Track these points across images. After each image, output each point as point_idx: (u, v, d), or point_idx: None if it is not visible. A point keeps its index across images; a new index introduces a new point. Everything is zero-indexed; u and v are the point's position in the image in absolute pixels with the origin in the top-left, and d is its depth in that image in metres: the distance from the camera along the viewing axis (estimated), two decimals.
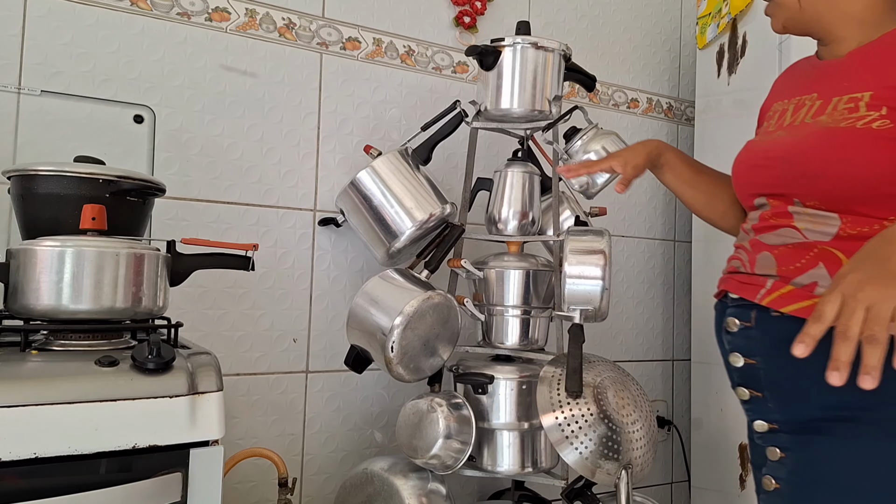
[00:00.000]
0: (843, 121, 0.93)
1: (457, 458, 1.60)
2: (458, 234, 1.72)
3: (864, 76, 0.96)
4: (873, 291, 0.71)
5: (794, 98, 1.07)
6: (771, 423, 0.98)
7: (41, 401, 0.95)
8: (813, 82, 1.06)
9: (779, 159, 1.00)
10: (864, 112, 0.91)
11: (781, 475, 0.96)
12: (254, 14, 1.84)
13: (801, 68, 1.14)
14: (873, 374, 0.69)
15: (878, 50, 0.97)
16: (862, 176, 0.90)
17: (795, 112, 1.04)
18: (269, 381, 1.84)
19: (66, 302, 1.12)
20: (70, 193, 1.22)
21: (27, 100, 1.58)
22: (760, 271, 0.99)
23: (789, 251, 0.97)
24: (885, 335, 0.69)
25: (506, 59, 1.74)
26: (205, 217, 1.76)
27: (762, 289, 0.98)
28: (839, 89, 0.98)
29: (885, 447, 0.88)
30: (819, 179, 0.94)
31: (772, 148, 1.04)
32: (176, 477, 1.02)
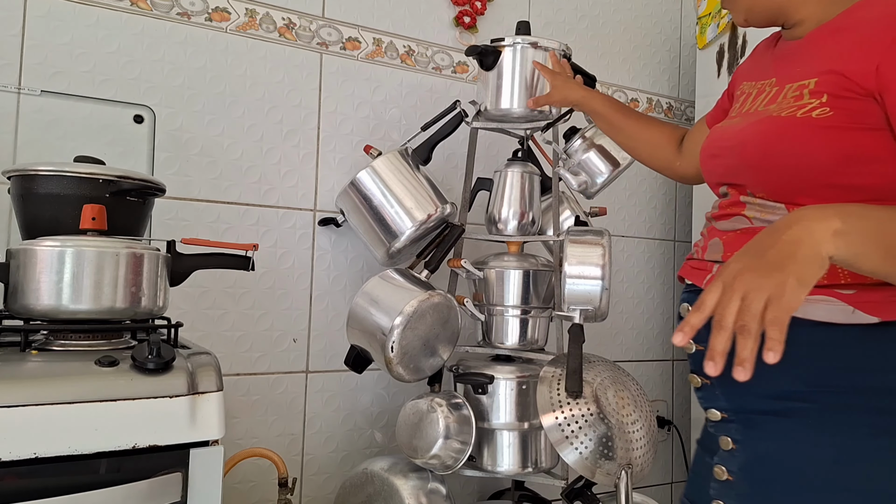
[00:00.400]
0: (787, 109, 0.91)
1: (457, 458, 1.60)
2: (458, 234, 1.72)
3: (814, 62, 0.92)
4: (749, 281, 0.70)
5: (759, 82, 1.05)
6: (722, 412, 0.98)
7: (41, 401, 0.95)
8: (773, 65, 1.04)
9: (728, 149, 0.99)
10: (807, 100, 0.88)
11: (734, 468, 0.95)
12: (254, 14, 1.84)
13: (768, 47, 1.12)
14: (745, 366, 0.68)
15: (829, 31, 0.94)
16: (800, 166, 0.88)
17: (756, 98, 1.02)
18: (269, 381, 1.84)
19: (66, 302, 1.12)
20: (70, 193, 1.22)
21: (27, 100, 1.58)
22: (709, 257, 1.00)
23: (736, 237, 0.96)
24: (755, 326, 0.69)
25: (506, 59, 1.74)
26: (205, 217, 1.76)
27: (708, 274, 0.98)
28: (792, 75, 0.95)
29: (826, 438, 0.87)
30: (760, 170, 0.93)
31: (725, 136, 1.03)
32: (176, 477, 1.02)
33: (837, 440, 0.86)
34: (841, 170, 0.86)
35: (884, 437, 0.85)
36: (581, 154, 1.73)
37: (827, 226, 0.72)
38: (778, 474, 0.90)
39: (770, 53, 1.08)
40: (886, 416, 0.85)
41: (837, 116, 0.85)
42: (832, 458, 0.86)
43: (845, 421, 0.86)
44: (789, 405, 0.90)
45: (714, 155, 1.05)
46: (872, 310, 0.86)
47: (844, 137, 0.85)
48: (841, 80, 0.86)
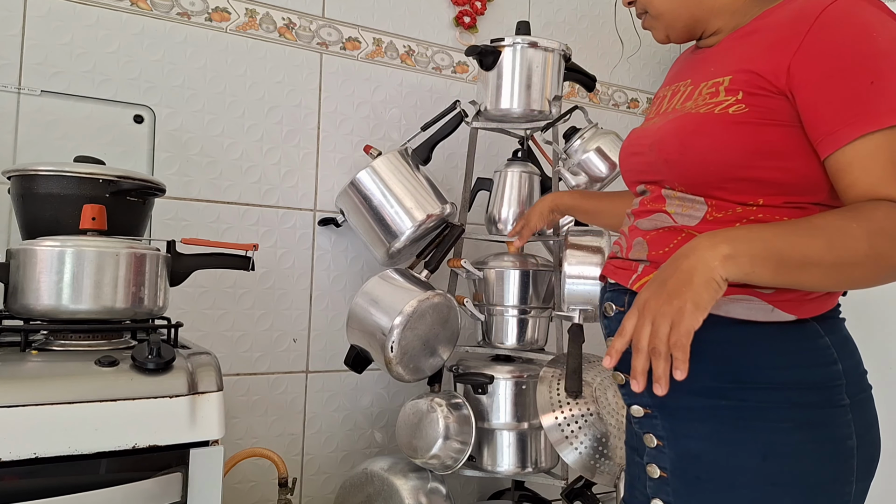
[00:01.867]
0: (703, 106, 0.94)
1: (456, 458, 1.60)
2: (458, 234, 1.72)
3: (727, 62, 0.96)
4: (654, 308, 0.80)
5: (673, 85, 1.08)
6: (645, 408, 0.99)
7: (41, 401, 0.95)
8: (689, 69, 1.07)
9: (647, 146, 1.01)
10: (723, 97, 0.92)
11: (665, 464, 0.97)
12: (254, 14, 1.84)
13: (686, 56, 1.15)
14: (660, 384, 0.79)
15: (742, 34, 0.98)
16: (714, 160, 0.92)
17: (671, 99, 1.05)
18: (269, 381, 1.84)
19: (66, 302, 1.12)
20: (70, 193, 1.22)
21: (27, 100, 1.58)
22: (634, 256, 1.01)
23: (659, 235, 0.98)
24: (664, 349, 0.78)
25: (506, 59, 1.74)
26: (205, 217, 1.76)
27: (634, 273, 0.99)
28: (706, 74, 0.98)
29: (751, 435, 0.89)
30: (677, 165, 0.96)
31: (644, 135, 1.05)
32: (176, 477, 1.02)
33: (762, 436, 0.89)
34: (752, 163, 0.90)
35: (805, 431, 0.88)
36: (581, 154, 1.73)
37: (717, 252, 0.79)
38: (709, 472, 0.92)
39: (686, 61, 1.12)
40: (806, 409, 0.89)
41: (752, 113, 0.89)
42: (760, 453, 0.89)
43: (768, 416, 0.89)
44: (713, 402, 0.92)
45: (634, 153, 1.07)
46: (790, 308, 0.90)
47: (757, 133, 0.89)
48: (754, 79, 0.90)
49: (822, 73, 0.85)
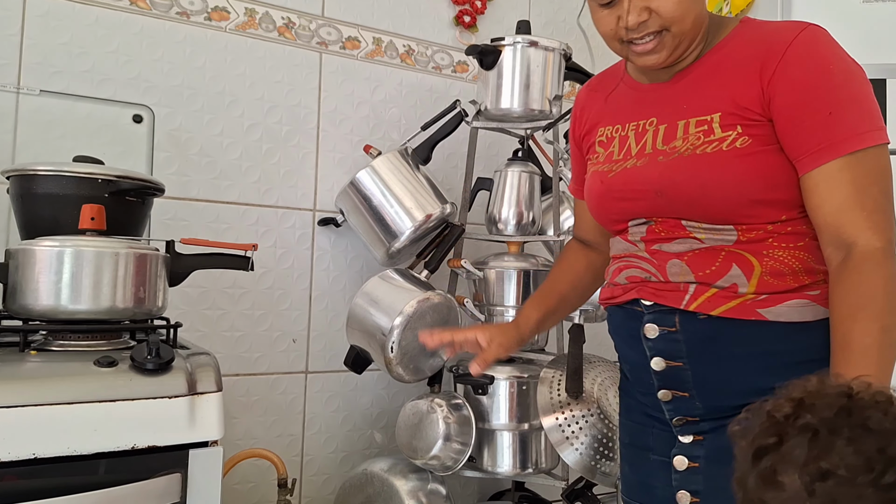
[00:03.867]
0: (705, 145, 0.97)
1: (457, 458, 1.59)
2: (458, 234, 1.72)
3: (704, 97, 0.99)
4: None
5: (630, 123, 1.08)
6: (691, 417, 1.02)
7: (40, 401, 0.95)
8: (645, 107, 1.07)
9: (652, 192, 1.02)
10: (722, 133, 0.96)
11: (699, 453, 1.00)
12: (253, 13, 1.83)
13: (620, 93, 1.14)
14: None
15: (706, 69, 1.01)
16: (736, 194, 0.95)
17: (639, 138, 1.06)
18: (268, 382, 1.84)
19: (65, 302, 1.11)
20: (69, 193, 1.22)
21: (26, 99, 1.57)
22: (676, 279, 1.01)
23: (698, 256, 0.99)
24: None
25: (506, 59, 1.74)
26: (204, 217, 1.76)
27: (685, 295, 1.00)
28: (681, 112, 1.01)
29: None
30: (698, 205, 0.98)
31: (635, 180, 1.05)
32: (175, 477, 1.02)
33: None
34: (771, 188, 0.95)
35: None
36: None
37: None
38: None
39: (628, 97, 1.11)
40: None
41: (756, 142, 0.95)
42: None
43: None
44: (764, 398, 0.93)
45: (627, 199, 1.07)
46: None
47: (767, 159, 0.95)
48: (744, 112, 0.95)
49: (791, 104, 0.93)
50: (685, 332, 1.00)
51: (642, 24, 0.96)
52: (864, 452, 0.53)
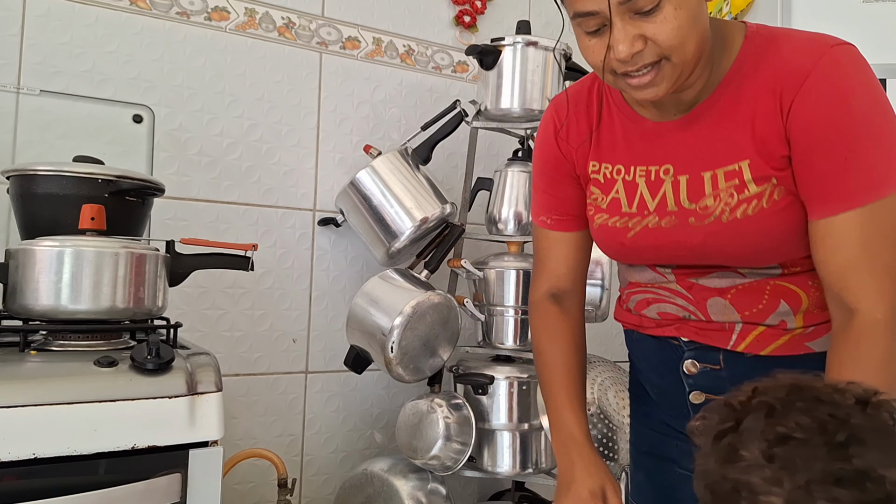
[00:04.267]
0: (744, 205, 0.88)
1: (457, 458, 1.59)
2: (458, 234, 1.72)
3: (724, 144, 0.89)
4: None
5: (636, 167, 0.97)
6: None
7: (40, 401, 0.95)
8: (654, 150, 0.95)
9: (687, 250, 0.95)
10: (757, 188, 0.87)
11: None
12: (253, 13, 1.83)
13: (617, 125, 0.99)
14: None
15: (723, 108, 0.90)
16: (788, 248, 0.90)
17: (654, 189, 0.95)
18: (268, 382, 1.84)
19: (65, 302, 1.11)
20: (69, 193, 1.22)
21: (26, 99, 1.57)
22: (719, 318, 0.96)
23: (742, 294, 0.94)
24: None
25: (506, 59, 1.74)
26: (204, 217, 1.76)
27: (731, 335, 0.95)
28: (703, 161, 0.91)
29: None
30: (743, 261, 0.93)
31: (665, 244, 0.96)
32: (175, 477, 1.02)
33: None
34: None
35: None
36: None
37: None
38: None
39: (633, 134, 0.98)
40: None
41: (789, 189, 0.88)
42: None
43: None
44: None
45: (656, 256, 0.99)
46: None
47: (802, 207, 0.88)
48: (770, 157, 0.87)
49: (806, 146, 0.84)
50: (730, 370, 0.96)
51: (637, 54, 0.83)
52: (817, 418, 0.56)
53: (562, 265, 1.10)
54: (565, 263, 1.10)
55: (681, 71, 0.84)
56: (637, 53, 0.82)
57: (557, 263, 1.11)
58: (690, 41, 0.83)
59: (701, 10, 0.84)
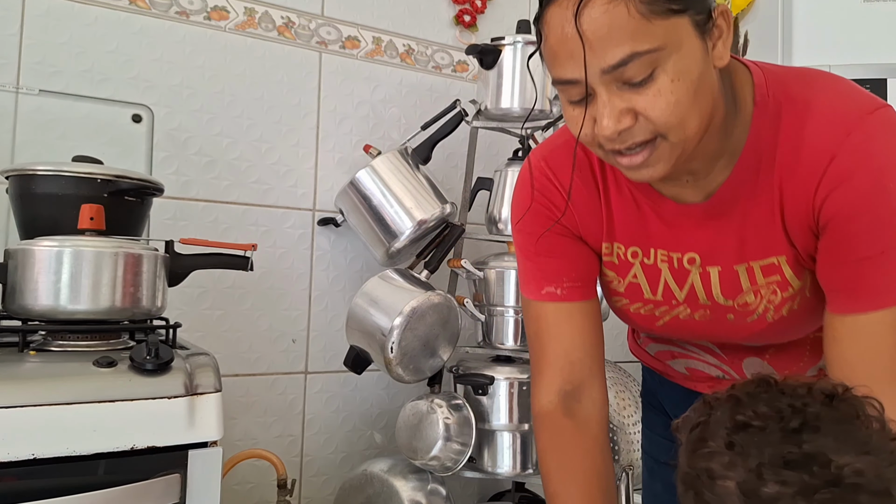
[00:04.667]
0: (789, 302, 0.81)
1: (457, 459, 1.59)
2: (458, 234, 1.72)
3: (756, 237, 0.79)
4: None
5: (657, 250, 0.86)
6: None
7: (39, 401, 0.94)
8: (677, 235, 0.84)
9: (726, 338, 0.90)
10: (799, 282, 0.79)
11: None
12: (253, 13, 1.83)
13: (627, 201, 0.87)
14: None
15: (745, 194, 0.79)
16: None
17: (680, 278, 0.85)
18: (268, 382, 1.83)
19: (64, 302, 1.11)
20: (68, 193, 1.21)
21: (25, 99, 1.57)
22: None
23: (782, 352, 0.90)
24: None
25: (506, 58, 1.74)
26: (203, 217, 1.75)
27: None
28: (735, 253, 0.81)
29: None
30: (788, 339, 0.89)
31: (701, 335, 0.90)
32: (174, 478, 1.02)
33: None
34: None
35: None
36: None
37: None
38: None
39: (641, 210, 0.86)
40: None
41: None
42: None
43: None
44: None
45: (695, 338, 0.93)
46: None
47: None
48: (808, 250, 0.78)
49: (840, 236, 0.74)
50: None
51: (625, 131, 0.70)
52: (776, 406, 0.57)
53: (577, 348, 0.91)
54: (581, 345, 0.92)
55: (682, 150, 0.72)
56: (625, 130, 0.70)
57: (572, 346, 0.92)
58: (691, 118, 0.70)
59: (706, 76, 0.71)
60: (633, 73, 0.67)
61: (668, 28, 0.66)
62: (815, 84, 0.76)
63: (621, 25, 0.65)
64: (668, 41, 0.67)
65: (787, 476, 0.53)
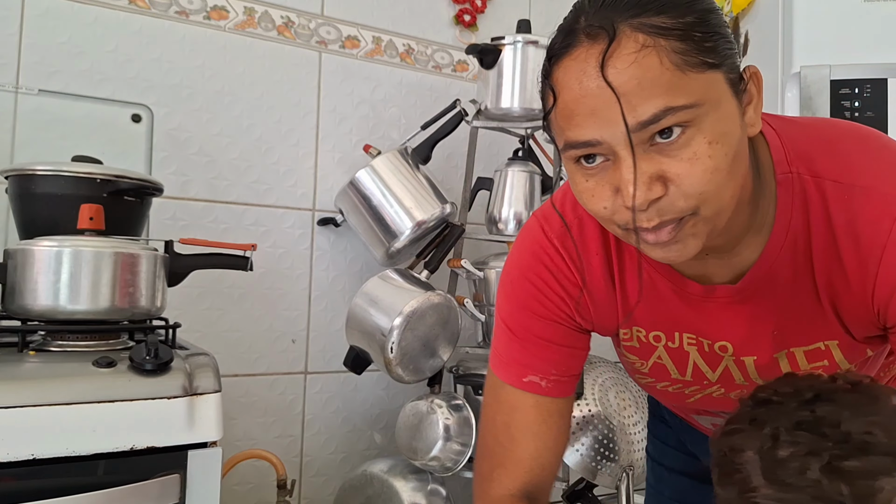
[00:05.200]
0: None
1: (457, 459, 1.59)
2: (458, 234, 1.72)
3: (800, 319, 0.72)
4: None
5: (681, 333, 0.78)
6: None
7: (39, 402, 0.94)
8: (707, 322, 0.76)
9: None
10: (850, 364, 0.74)
11: None
12: (252, 12, 1.83)
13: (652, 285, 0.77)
14: None
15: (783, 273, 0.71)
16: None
17: (711, 361, 0.79)
18: (267, 382, 1.83)
19: (64, 302, 1.11)
20: (67, 193, 1.21)
21: (25, 99, 1.57)
22: None
23: None
24: None
25: (506, 58, 1.73)
26: (203, 217, 1.75)
27: None
28: (776, 342, 0.74)
29: None
30: None
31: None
32: (174, 478, 1.01)
33: None
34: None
35: None
36: None
37: None
38: None
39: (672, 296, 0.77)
40: None
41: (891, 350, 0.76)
42: None
43: None
44: None
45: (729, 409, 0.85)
46: None
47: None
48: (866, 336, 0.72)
49: None
50: None
51: (654, 203, 0.60)
52: (796, 385, 0.62)
53: (550, 451, 0.83)
54: (553, 448, 0.83)
55: (713, 226, 0.63)
56: (654, 201, 0.60)
57: (545, 449, 0.83)
58: (727, 189, 0.61)
59: (743, 142, 0.63)
60: (666, 132, 0.58)
61: (705, 84, 0.59)
62: (837, 152, 0.68)
63: (654, 77, 0.57)
64: (705, 98, 0.59)
65: (799, 437, 0.56)
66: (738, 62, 0.63)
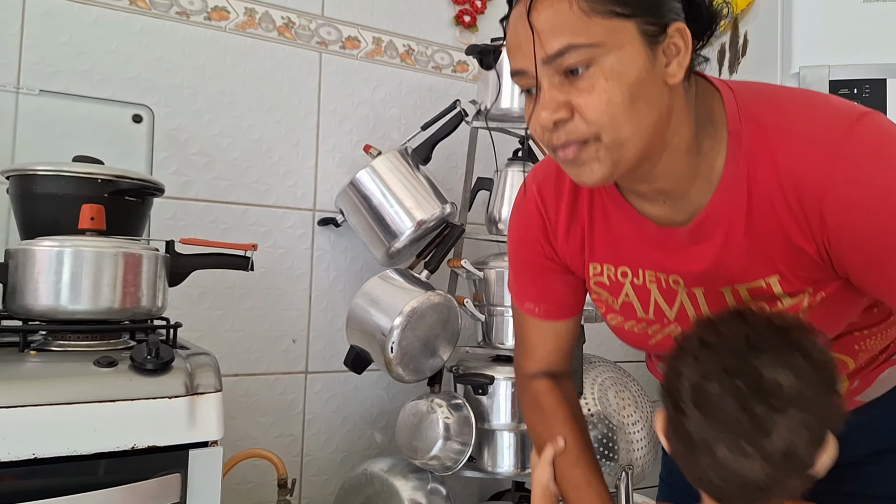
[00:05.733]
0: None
1: (457, 459, 1.59)
2: (458, 234, 1.72)
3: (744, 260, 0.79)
4: None
5: (644, 270, 0.87)
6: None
7: (40, 401, 0.94)
8: (662, 257, 0.85)
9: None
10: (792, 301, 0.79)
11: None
12: (253, 13, 1.83)
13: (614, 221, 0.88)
14: None
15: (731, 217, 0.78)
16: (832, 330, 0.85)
17: (668, 298, 0.87)
18: (268, 382, 1.83)
19: (65, 302, 1.11)
20: (68, 193, 1.21)
21: (26, 99, 1.57)
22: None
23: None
24: None
25: (506, 59, 1.73)
26: (204, 217, 1.76)
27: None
28: (721, 278, 0.81)
29: None
30: None
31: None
32: (175, 478, 1.02)
33: None
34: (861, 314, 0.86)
35: None
36: None
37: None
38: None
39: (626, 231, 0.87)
40: None
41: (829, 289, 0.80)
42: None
43: None
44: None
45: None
46: None
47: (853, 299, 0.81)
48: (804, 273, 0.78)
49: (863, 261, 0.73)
50: None
51: (561, 125, 0.72)
52: (735, 332, 0.74)
53: (552, 353, 1.02)
54: (556, 351, 1.02)
55: (618, 156, 0.72)
56: (561, 123, 0.72)
57: (548, 351, 1.02)
58: (625, 122, 0.71)
59: (648, 86, 0.71)
60: (569, 64, 0.70)
61: (609, 28, 0.69)
62: (784, 108, 0.76)
63: (563, 20, 0.70)
64: (606, 40, 0.69)
65: (723, 380, 0.71)
66: (664, 18, 0.72)
